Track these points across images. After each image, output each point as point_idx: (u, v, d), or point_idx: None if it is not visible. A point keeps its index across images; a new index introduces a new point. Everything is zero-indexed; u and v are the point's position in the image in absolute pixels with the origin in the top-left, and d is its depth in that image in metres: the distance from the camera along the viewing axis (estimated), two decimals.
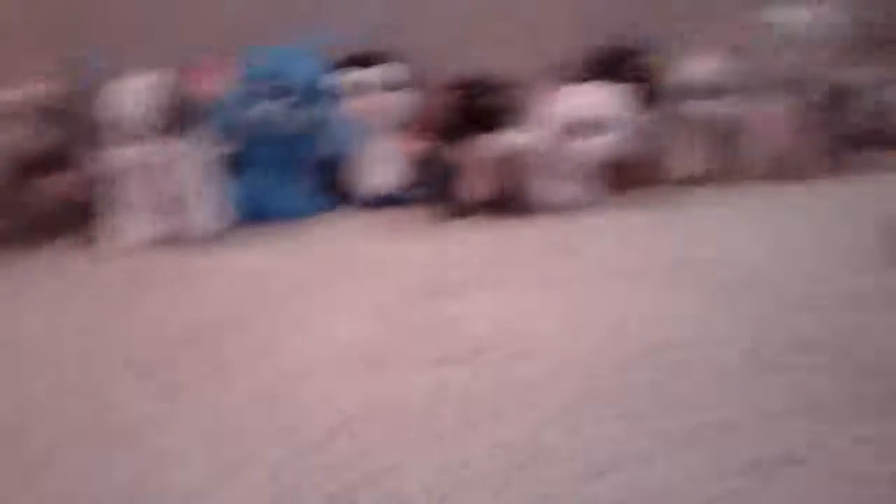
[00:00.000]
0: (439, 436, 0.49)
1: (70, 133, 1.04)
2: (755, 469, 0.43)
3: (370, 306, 0.74)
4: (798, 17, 1.25)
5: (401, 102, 1.20)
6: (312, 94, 1.11)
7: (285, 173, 1.14)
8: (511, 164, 1.14)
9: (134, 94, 0.91)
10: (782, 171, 1.36)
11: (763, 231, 1.00)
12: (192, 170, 1.00)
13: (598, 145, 1.08)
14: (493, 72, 1.13)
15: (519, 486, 0.43)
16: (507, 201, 1.14)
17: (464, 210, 1.12)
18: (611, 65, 1.22)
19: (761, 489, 0.41)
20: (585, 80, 1.15)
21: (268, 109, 1.08)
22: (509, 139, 1.15)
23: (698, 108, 1.28)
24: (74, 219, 1.04)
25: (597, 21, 1.29)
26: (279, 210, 1.12)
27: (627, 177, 1.26)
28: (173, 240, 1.01)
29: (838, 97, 1.32)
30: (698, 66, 1.28)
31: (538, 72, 1.17)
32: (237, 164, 1.13)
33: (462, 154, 1.11)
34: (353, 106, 1.18)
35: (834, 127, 1.34)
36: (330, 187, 1.22)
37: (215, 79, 1.08)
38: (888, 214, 0.86)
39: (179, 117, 0.93)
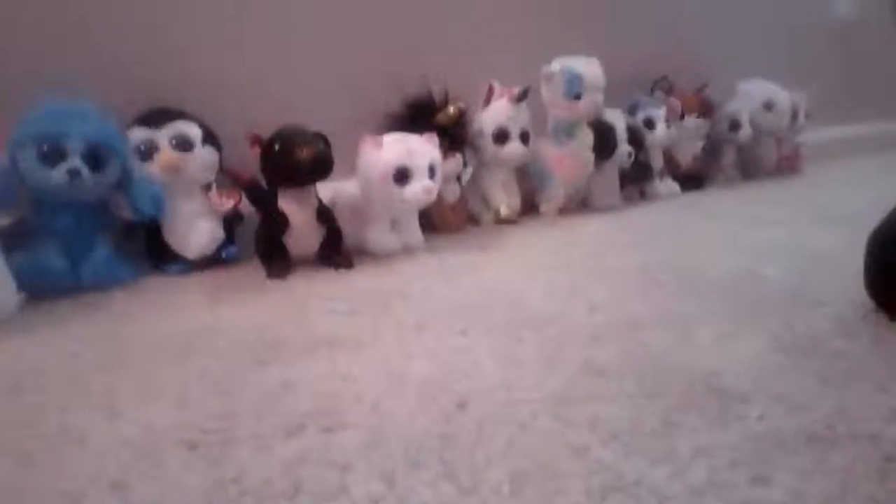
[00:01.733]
0: None
1: None
2: None
3: (189, 383, 0.72)
4: (579, 67, 1.41)
5: (201, 159, 1.17)
6: (101, 156, 1.04)
7: (83, 241, 1.07)
8: (332, 215, 1.17)
9: None
10: (581, 203, 1.53)
11: (562, 268, 1.11)
12: None
13: (417, 191, 1.13)
14: (301, 125, 1.14)
15: None
16: (331, 253, 1.16)
17: (286, 266, 1.13)
18: (419, 115, 1.30)
19: None
20: (395, 130, 1.21)
21: (53, 175, 1.00)
22: (334, 189, 1.18)
23: (502, 152, 1.40)
24: None
25: (398, 74, 1.36)
26: (80, 282, 1.05)
27: (444, 220, 1.34)
28: None
29: (607, 137, 1.51)
30: (496, 113, 1.41)
31: (350, 123, 1.21)
32: (25, 235, 1.04)
33: (281, 208, 1.12)
34: (149, 166, 1.13)
35: (611, 161, 1.53)
36: (138, 252, 1.16)
37: None
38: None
39: None
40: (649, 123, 1.64)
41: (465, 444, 0.57)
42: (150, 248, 1.18)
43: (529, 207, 1.49)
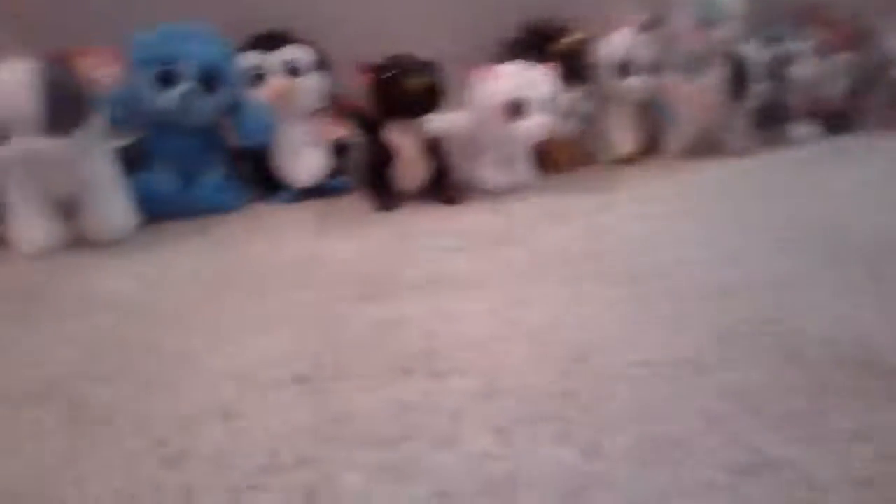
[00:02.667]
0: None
1: None
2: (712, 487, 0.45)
3: (296, 315, 0.72)
4: None
5: (312, 86, 1.16)
6: (214, 79, 1.05)
7: (195, 165, 1.09)
8: (442, 148, 1.13)
9: (13, 82, 0.84)
10: (709, 146, 1.42)
11: (689, 215, 1.03)
12: (88, 166, 0.93)
13: (532, 126, 1.08)
14: (412, 52, 1.10)
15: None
16: (439, 187, 1.13)
17: (393, 199, 1.11)
18: (535, 44, 1.23)
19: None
20: (510, 59, 1.14)
21: (168, 97, 1.02)
22: (439, 122, 1.14)
23: (623, 85, 1.31)
24: None
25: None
26: (190, 206, 1.07)
27: (559, 158, 1.28)
28: (72, 244, 0.95)
29: (742, 72, 1.38)
30: (620, 43, 1.31)
31: (462, 52, 1.16)
32: (141, 158, 1.07)
33: (390, 139, 1.09)
34: (259, 91, 1.13)
35: (744, 101, 1.41)
36: (246, 179, 1.18)
37: (106, 64, 1.01)
38: None
39: (68, 107, 0.86)
40: (790, 58, 1.48)
41: (586, 402, 0.54)
42: (259, 175, 1.19)
43: (651, 147, 1.40)
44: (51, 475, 0.48)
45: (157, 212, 1.04)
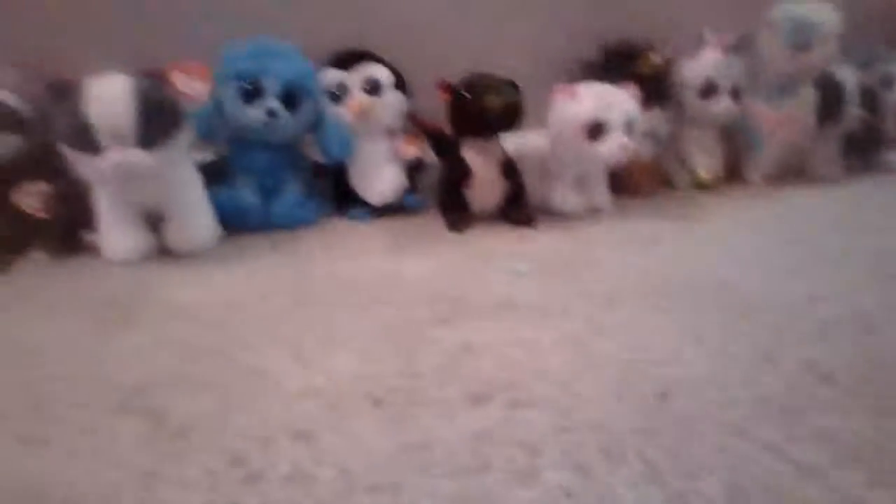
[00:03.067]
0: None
1: (42, 141, 1.01)
2: None
3: (371, 335, 0.73)
4: (809, 13, 1.24)
5: (390, 104, 1.17)
6: (297, 96, 1.07)
7: (276, 180, 1.12)
8: (518, 168, 1.13)
9: (109, 96, 0.87)
10: (795, 173, 1.37)
11: (774, 245, 0.99)
12: (174, 179, 0.97)
13: (611, 148, 1.06)
14: (492, 71, 1.10)
15: None
16: (514, 209, 1.12)
17: (466, 219, 1.11)
18: (616, 64, 1.21)
19: None
20: (591, 79, 1.13)
21: (252, 113, 1.05)
22: (517, 142, 1.14)
23: (707, 108, 1.28)
24: (49, 233, 1.01)
25: (599, 19, 1.28)
26: (270, 220, 1.10)
27: (638, 182, 1.26)
28: (156, 254, 0.98)
29: (834, 96, 1.33)
30: (704, 64, 1.28)
31: (542, 72, 1.15)
32: (223, 172, 1.11)
33: (466, 158, 1.09)
34: (340, 109, 1.15)
35: (835, 126, 1.35)
36: (323, 195, 1.20)
37: (196, 80, 1.05)
38: None
39: (159, 122, 0.89)
40: (887, 82, 1.42)
41: (670, 443, 0.52)
42: (336, 191, 1.21)
43: (733, 173, 1.36)
44: (128, 488, 0.49)
45: (237, 225, 1.07)
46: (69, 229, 1.01)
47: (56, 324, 0.78)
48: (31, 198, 0.98)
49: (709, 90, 1.27)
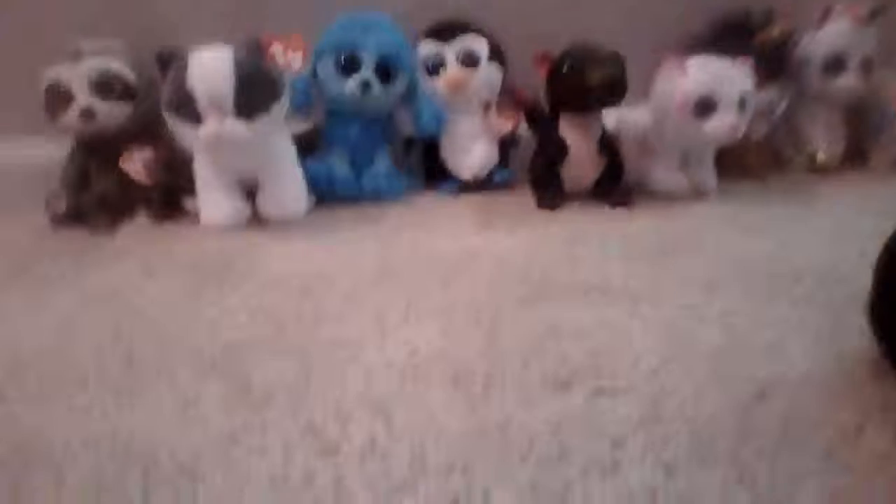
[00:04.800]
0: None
1: (145, 107, 1.06)
2: None
3: (456, 311, 0.72)
4: None
5: (486, 77, 1.15)
6: (392, 68, 1.07)
7: (367, 153, 1.13)
8: (616, 146, 1.09)
9: (210, 67, 0.90)
10: None
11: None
12: (270, 149, 0.99)
13: (721, 126, 1.00)
14: (596, 43, 1.05)
15: None
16: (610, 188, 1.08)
17: (560, 197, 1.08)
18: (731, 37, 1.14)
19: None
20: (702, 52, 1.06)
21: (348, 85, 1.06)
22: (619, 117, 1.10)
23: (833, 84, 1.18)
24: (151, 197, 1.06)
25: None
26: (360, 192, 1.11)
27: (749, 162, 1.18)
28: (250, 221, 1.01)
29: None
30: (832, 35, 1.18)
31: (649, 43, 1.10)
32: (316, 143, 1.13)
33: (563, 135, 1.06)
34: (434, 81, 1.14)
35: None
36: (415, 168, 1.20)
37: (292, 51, 1.07)
38: None
39: (258, 92, 0.91)
40: None
41: (766, 447, 0.49)
42: (427, 165, 1.21)
43: (856, 156, 1.25)
44: (207, 452, 0.50)
45: (328, 196, 1.09)
46: (170, 195, 1.05)
47: (153, 284, 0.82)
48: (137, 164, 1.03)
49: (835, 64, 1.17)
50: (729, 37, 1.14)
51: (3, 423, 0.55)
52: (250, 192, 1.01)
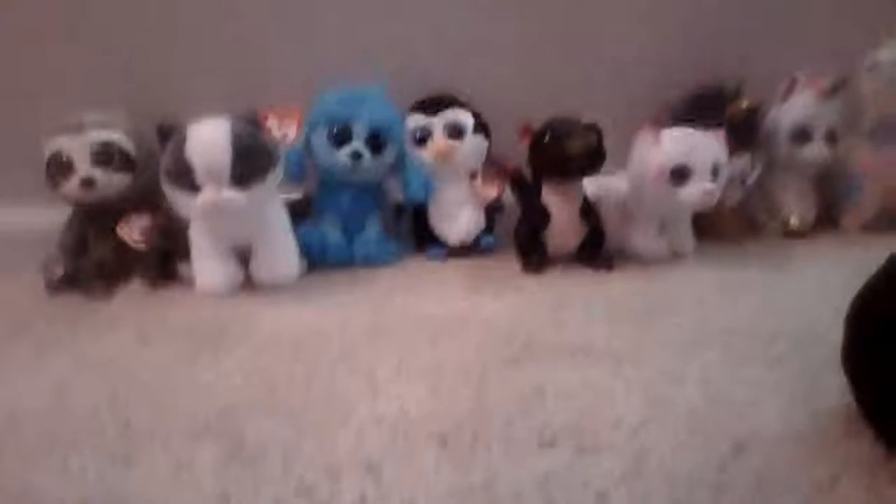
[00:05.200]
0: None
1: (144, 177, 1.09)
2: None
3: (443, 372, 0.74)
4: None
5: (472, 148, 1.20)
6: (382, 139, 1.12)
7: (358, 219, 1.16)
8: (597, 212, 1.13)
9: (208, 138, 0.94)
10: (893, 222, 1.30)
11: None
12: (263, 217, 1.02)
13: (696, 193, 1.05)
14: (574, 115, 1.11)
15: None
16: (592, 253, 1.12)
17: (544, 261, 1.11)
18: (704, 108, 1.20)
19: None
20: (676, 123, 1.12)
21: (339, 156, 1.10)
22: (599, 185, 1.14)
23: (801, 153, 1.24)
24: (147, 263, 1.08)
25: (685, 61, 1.27)
26: (351, 257, 1.14)
27: (723, 228, 1.23)
28: (246, 287, 1.03)
29: None
30: (797, 108, 1.25)
31: (625, 115, 1.15)
32: (308, 210, 1.16)
33: (546, 201, 1.10)
34: (422, 152, 1.19)
35: None
36: (405, 234, 1.24)
37: (287, 123, 1.11)
38: None
39: (253, 163, 0.95)
40: None
41: (744, 499, 0.50)
42: (416, 231, 1.25)
43: (826, 221, 1.30)
44: None
45: (321, 261, 1.12)
46: (166, 261, 1.08)
47: (148, 349, 0.84)
48: (134, 230, 1.05)
49: (801, 135, 1.24)
50: (702, 108, 1.20)
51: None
52: (244, 257, 1.04)
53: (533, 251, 1.12)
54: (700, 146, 1.06)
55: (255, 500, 0.53)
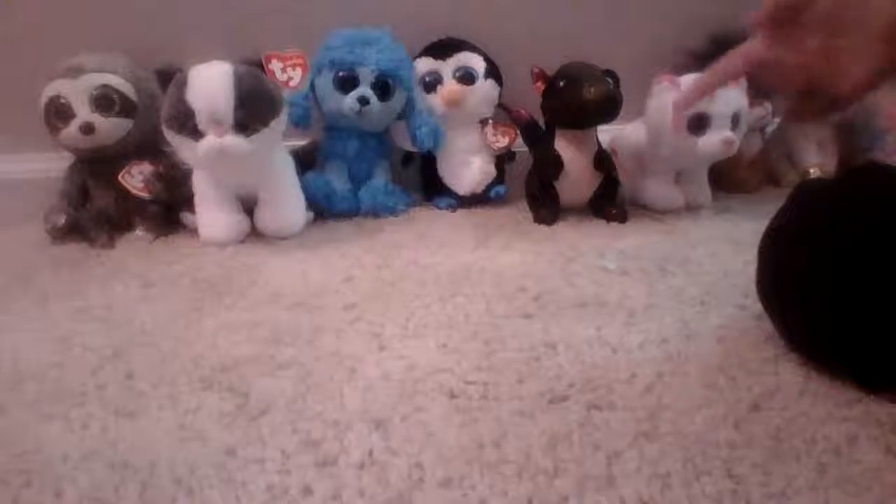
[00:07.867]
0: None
1: (145, 123, 1.07)
2: None
3: (453, 326, 0.72)
4: None
5: (483, 94, 1.16)
6: (390, 85, 1.09)
7: (365, 168, 1.14)
8: (612, 161, 1.10)
9: (210, 82, 0.91)
10: None
11: None
12: (268, 164, 1.00)
13: (715, 142, 1.01)
14: (590, 61, 1.07)
15: None
16: (605, 203, 1.09)
17: (555, 212, 1.09)
18: (723, 54, 1.15)
19: None
20: (697, 70, 1.08)
21: (345, 101, 1.07)
22: (614, 134, 1.11)
23: None
24: (150, 213, 1.06)
25: (705, 6, 1.22)
26: (358, 207, 1.12)
27: (742, 178, 1.20)
28: (251, 237, 1.02)
29: None
30: None
31: (643, 61, 1.11)
32: (314, 158, 1.14)
33: (559, 150, 1.07)
34: (432, 98, 1.15)
35: None
36: (411, 184, 1.21)
37: (292, 67, 1.08)
38: None
39: (257, 107, 0.92)
40: None
41: (760, 458, 0.49)
42: (424, 180, 1.22)
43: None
44: (206, 464, 0.51)
45: (327, 210, 1.09)
46: (169, 210, 1.06)
47: (152, 300, 0.82)
48: (136, 179, 1.03)
49: None
50: (723, 54, 1.15)
51: (4, 436, 0.55)
52: (249, 207, 1.02)
53: (545, 202, 1.10)
54: (720, 94, 1.02)
55: (261, 453, 0.52)
